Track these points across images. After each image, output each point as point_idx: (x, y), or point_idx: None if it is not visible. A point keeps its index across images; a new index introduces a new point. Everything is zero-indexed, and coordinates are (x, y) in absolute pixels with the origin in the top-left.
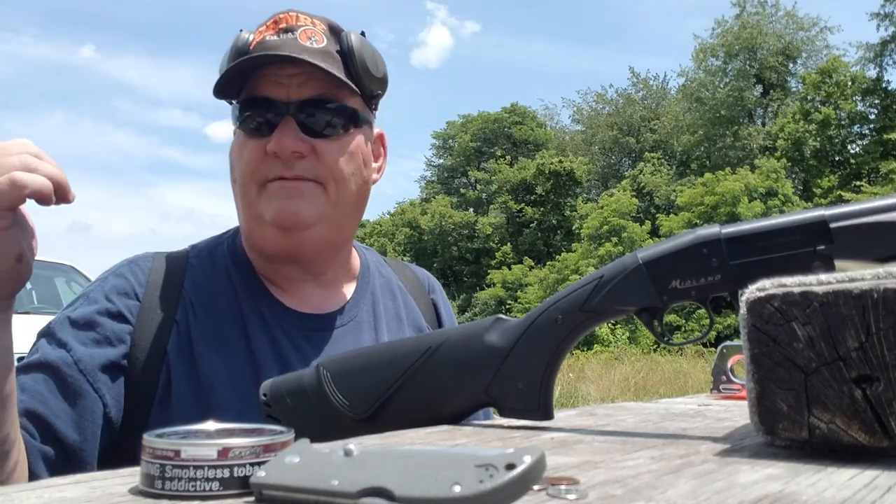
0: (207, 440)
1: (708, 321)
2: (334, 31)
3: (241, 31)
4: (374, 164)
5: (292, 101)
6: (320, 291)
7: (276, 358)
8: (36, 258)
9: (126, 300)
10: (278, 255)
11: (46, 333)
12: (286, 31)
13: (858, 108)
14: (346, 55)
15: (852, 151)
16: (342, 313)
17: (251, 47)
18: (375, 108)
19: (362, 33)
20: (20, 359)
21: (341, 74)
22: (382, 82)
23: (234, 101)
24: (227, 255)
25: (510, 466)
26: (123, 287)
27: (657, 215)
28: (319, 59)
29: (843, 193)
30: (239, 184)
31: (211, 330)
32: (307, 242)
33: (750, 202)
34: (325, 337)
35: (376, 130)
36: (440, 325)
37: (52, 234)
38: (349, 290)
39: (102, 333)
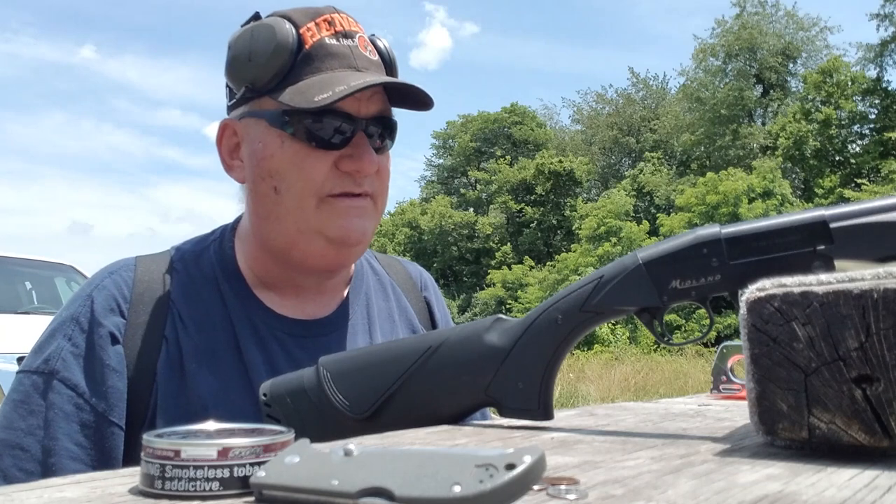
0: (207, 440)
1: (708, 321)
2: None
3: (282, 23)
4: None
5: (362, 117)
6: (319, 297)
7: (268, 369)
8: (36, 258)
9: (112, 317)
10: (316, 269)
11: (48, 372)
12: (344, 36)
13: (859, 107)
14: (388, 66)
15: (852, 151)
16: (336, 317)
17: (308, 46)
18: None
19: (373, 35)
20: (21, 358)
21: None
22: None
23: (292, 107)
24: (214, 262)
25: (510, 466)
26: (109, 303)
27: (657, 215)
28: (394, 76)
29: (844, 191)
30: (293, 196)
31: (201, 344)
32: (354, 257)
33: (750, 202)
34: (319, 343)
35: None
36: (433, 323)
37: (53, 234)
38: (344, 291)
39: (104, 361)
